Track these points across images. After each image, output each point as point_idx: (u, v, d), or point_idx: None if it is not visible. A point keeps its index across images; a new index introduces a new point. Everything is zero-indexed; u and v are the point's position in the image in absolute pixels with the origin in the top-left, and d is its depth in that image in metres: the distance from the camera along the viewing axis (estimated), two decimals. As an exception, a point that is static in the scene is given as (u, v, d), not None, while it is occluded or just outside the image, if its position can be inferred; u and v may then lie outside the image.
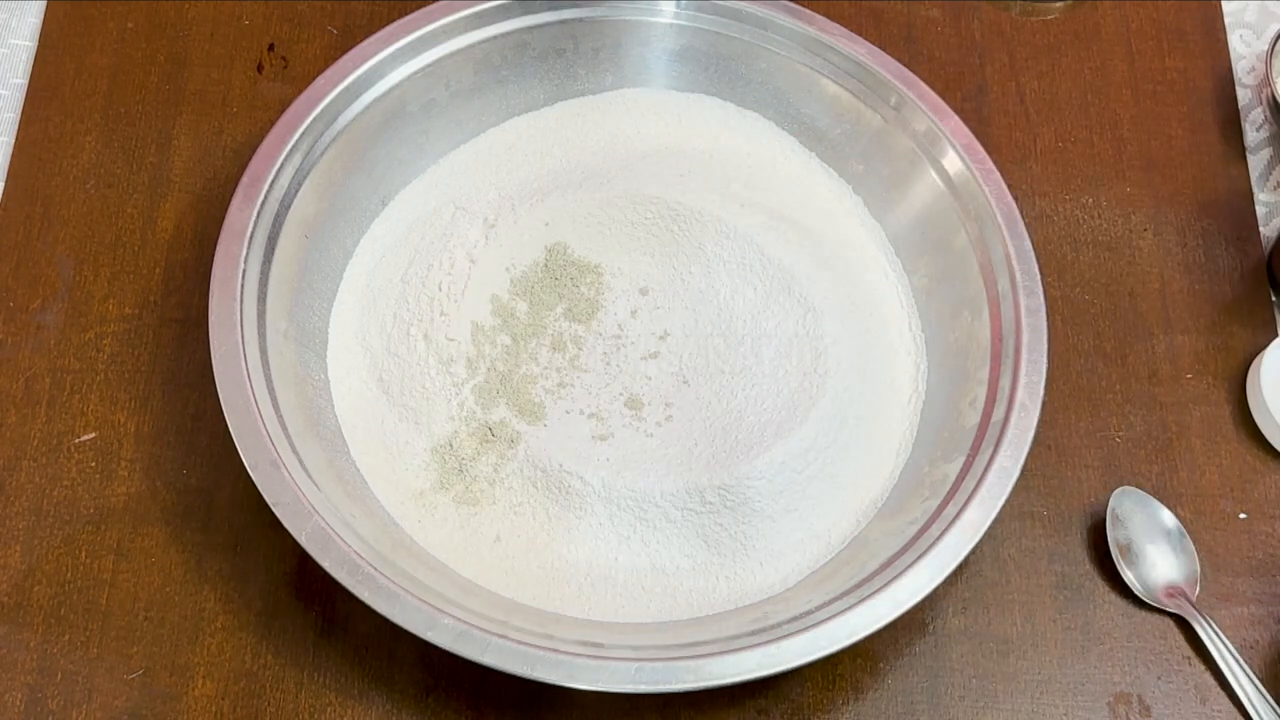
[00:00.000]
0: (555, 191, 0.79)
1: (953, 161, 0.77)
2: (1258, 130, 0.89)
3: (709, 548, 0.71)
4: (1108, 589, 0.74)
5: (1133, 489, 0.76)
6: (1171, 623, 0.74)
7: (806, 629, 0.64)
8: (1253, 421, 0.79)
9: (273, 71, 0.87)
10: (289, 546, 0.65)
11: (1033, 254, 0.74)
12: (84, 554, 0.72)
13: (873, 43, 0.80)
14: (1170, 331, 0.82)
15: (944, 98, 0.79)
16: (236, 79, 0.86)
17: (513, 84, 0.82)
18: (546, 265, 0.78)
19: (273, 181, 0.73)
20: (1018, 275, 0.74)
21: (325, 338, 0.76)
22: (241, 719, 0.69)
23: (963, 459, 0.70)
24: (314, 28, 0.88)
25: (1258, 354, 0.79)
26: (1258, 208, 0.86)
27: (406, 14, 0.79)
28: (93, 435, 0.75)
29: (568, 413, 0.75)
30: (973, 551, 0.67)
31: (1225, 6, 0.93)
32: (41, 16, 0.88)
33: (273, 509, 0.65)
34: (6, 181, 0.82)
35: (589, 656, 0.63)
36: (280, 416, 0.69)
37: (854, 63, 0.79)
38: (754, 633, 0.65)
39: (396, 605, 0.63)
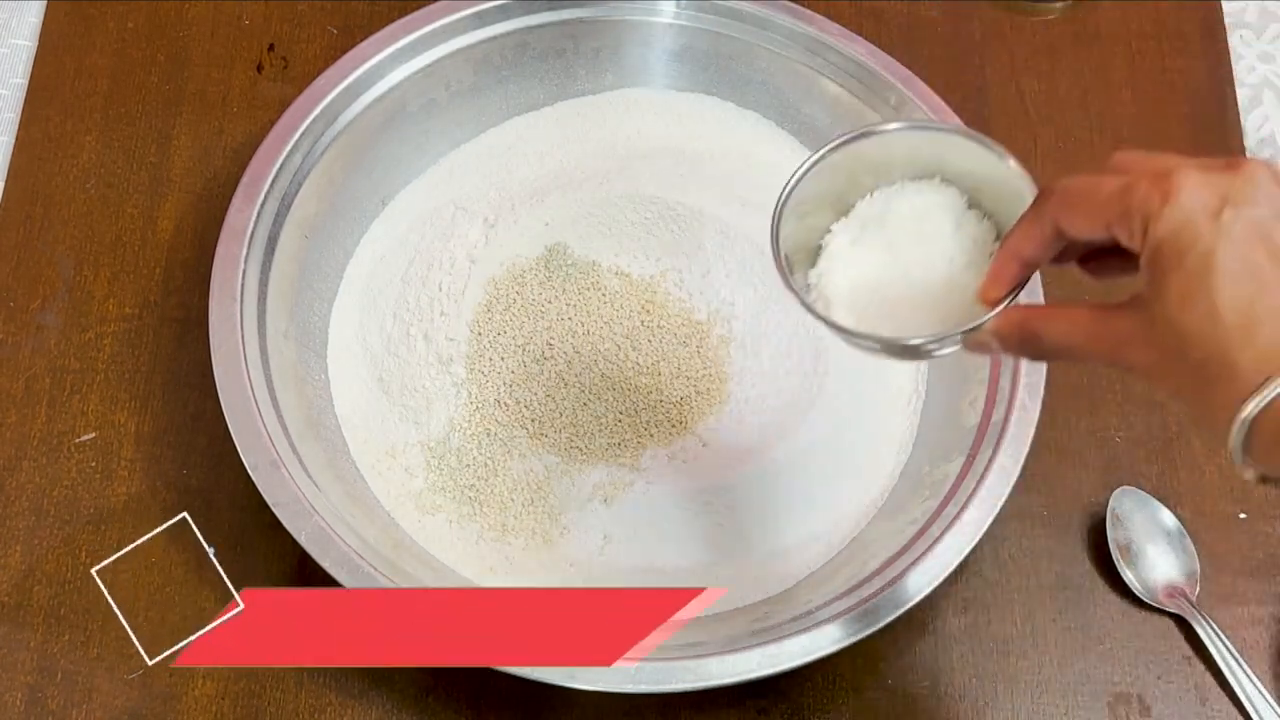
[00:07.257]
0: (555, 191, 0.79)
1: (953, 161, 0.77)
2: (1258, 131, 0.89)
3: (709, 548, 0.71)
4: (1107, 589, 0.74)
5: (1133, 489, 0.76)
6: (1171, 623, 0.73)
7: (806, 629, 0.64)
8: (1253, 421, 0.79)
9: (273, 71, 0.87)
10: (289, 546, 0.65)
11: (1033, 254, 0.74)
12: (84, 554, 0.72)
13: (873, 43, 0.80)
14: (1170, 331, 0.82)
15: (944, 98, 0.79)
16: (236, 79, 0.86)
17: (513, 84, 0.82)
18: (547, 265, 0.78)
19: (273, 181, 0.73)
20: (1018, 275, 0.74)
21: (325, 338, 0.76)
22: (241, 719, 0.69)
23: (963, 459, 0.70)
24: (314, 28, 0.88)
25: (1258, 354, 0.79)
26: (1258, 208, 0.86)
27: (406, 14, 0.78)
28: (93, 435, 0.75)
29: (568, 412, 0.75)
30: (973, 552, 0.67)
31: (1225, 7, 0.93)
32: (41, 16, 0.88)
33: (273, 509, 0.65)
34: (6, 181, 0.82)
35: (589, 656, 0.63)
36: (280, 416, 0.69)
37: (854, 63, 0.79)
38: (754, 633, 0.65)
39: (396, 605, 0.63)
